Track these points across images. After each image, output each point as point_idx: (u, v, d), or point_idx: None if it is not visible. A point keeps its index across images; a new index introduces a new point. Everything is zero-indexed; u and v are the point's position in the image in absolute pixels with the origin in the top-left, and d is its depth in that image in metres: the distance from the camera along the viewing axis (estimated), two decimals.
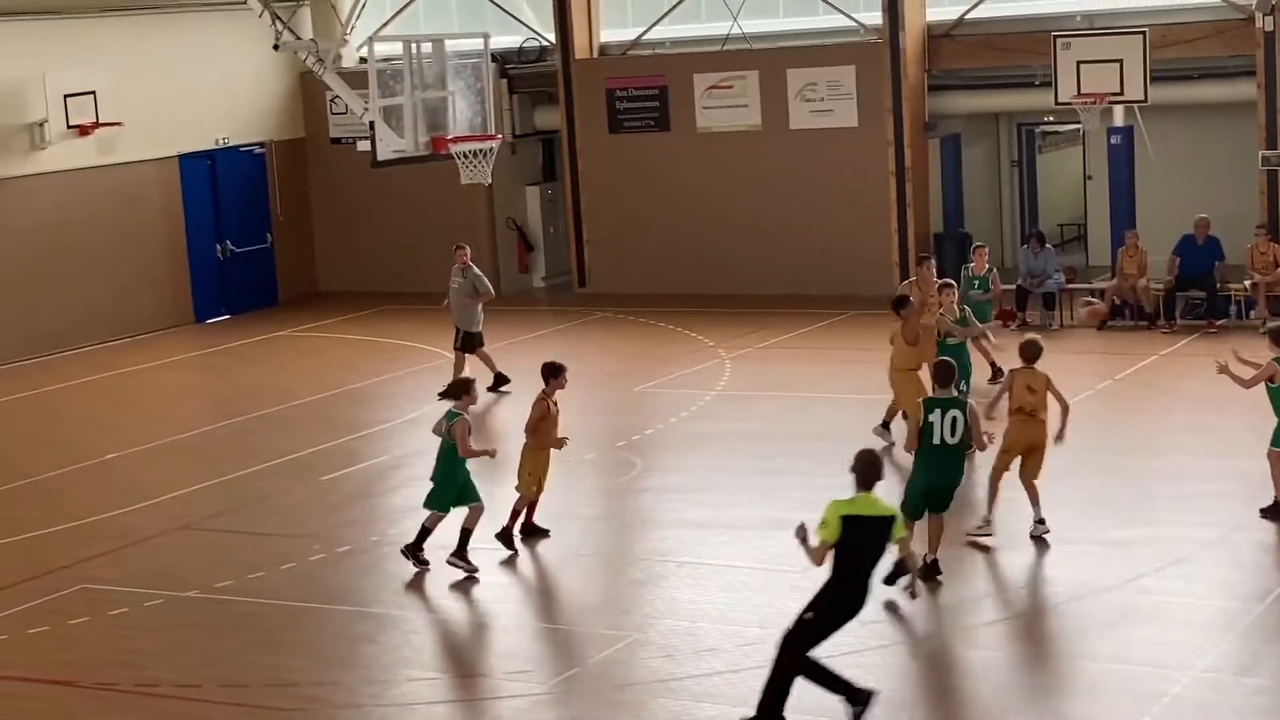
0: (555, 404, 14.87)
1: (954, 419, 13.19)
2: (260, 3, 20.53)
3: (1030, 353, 14.61)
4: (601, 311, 26.52)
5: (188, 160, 27.74)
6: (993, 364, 19.54)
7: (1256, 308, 22.67)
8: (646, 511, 16.36)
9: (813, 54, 26.59)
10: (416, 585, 14.38)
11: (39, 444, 20.23)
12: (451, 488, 14.41)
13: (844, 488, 16.05)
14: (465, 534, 14.35)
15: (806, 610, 10.74)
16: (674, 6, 27.85)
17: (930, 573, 13.37)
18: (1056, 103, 24.04)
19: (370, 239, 28.81)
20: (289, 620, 13.63)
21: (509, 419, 19.38)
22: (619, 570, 14.63)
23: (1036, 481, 14.48)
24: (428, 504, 14.53)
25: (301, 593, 14.22)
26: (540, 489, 15.03)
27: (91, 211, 26.21)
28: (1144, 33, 23.43)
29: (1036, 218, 28.19)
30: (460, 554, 14.32)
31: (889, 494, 14.12)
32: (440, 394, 14.72)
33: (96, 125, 25.66)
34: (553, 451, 14.99)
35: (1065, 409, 14.56)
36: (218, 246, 28.30)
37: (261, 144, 29.05)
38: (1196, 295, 23.26)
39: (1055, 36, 23.97)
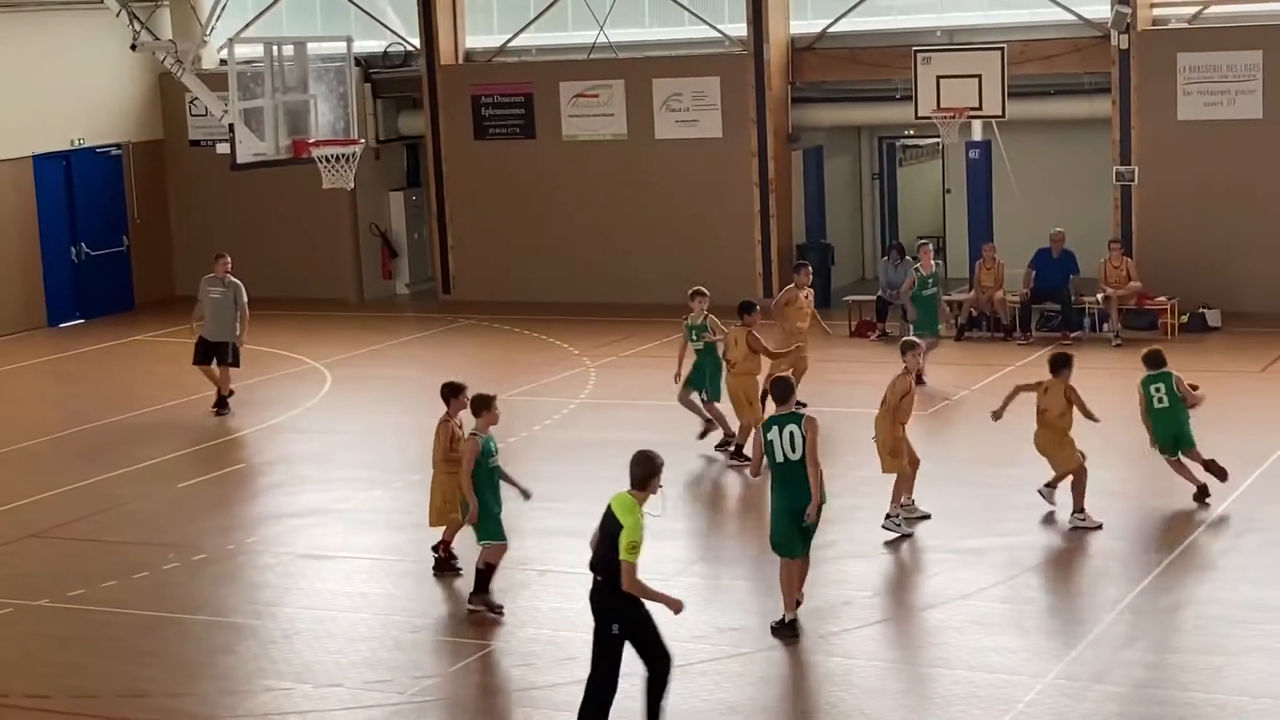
0: (460, 425, 14.06)
1: (791, 434, 12.61)
2: (118, 2, 20.16)
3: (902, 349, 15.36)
4: (466, 319, 26.41)
5: (42, 161, 27.20)
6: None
7: (1109, 320, 23.11)
8: (509, 520, 16.19)
9: (678, 64, 26.71)
10: (275, 595, 14.21)
11: None
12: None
13: (706, 498, 16.17)
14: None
15: None
16: (540, 14, 27.82)
17: (785, 633, 12.76)
18: (917, 116, 24.39)
19: (230, 243, 28.27)
20: (143, 630, 13.41)
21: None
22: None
23: (889, 474, 14.97)
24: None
25: (156, 602, 14.00)
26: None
27: None
28: (1002, 49, 23.82)
29: (897, 230, 28.53)
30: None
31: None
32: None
33: None
34: None
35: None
36: (72, 249, 27.78)
37: (119, 145, 28.57)
38: (1051, 308, 23.67)
39: (916, 51, 24.30)
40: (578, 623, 13.12)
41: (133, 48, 20.55)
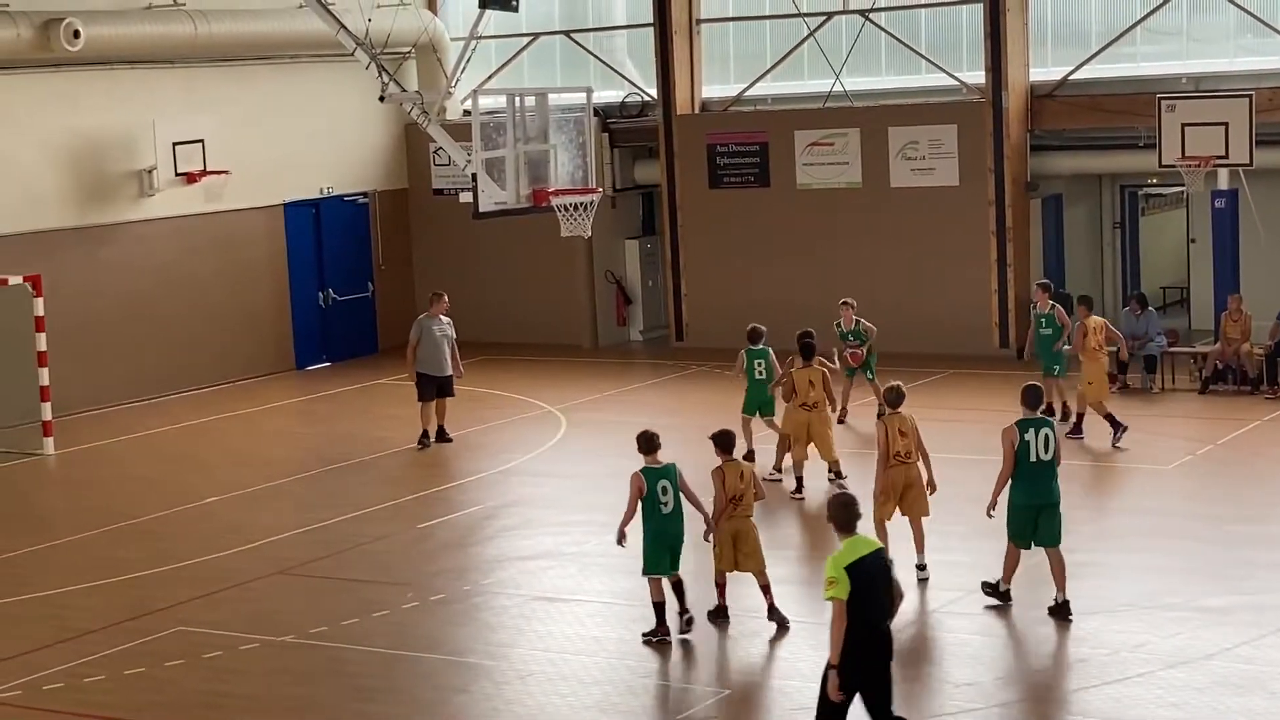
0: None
1: (1046, 436, 13.90)
2: (368, 55, 20.79)
3: (893, 398, 15.32)
4: (698, 365, 26.52)
5: (293, 208, 28.13)
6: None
7: None
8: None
9: (915, 112, 26.58)
10: (510, 636, 14.43)
11: (142, 486, 20.53)
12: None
13: (942, 548, 15.99)
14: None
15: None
16: (776, 64, 27.96)
17: (1062, 613, 13.92)
18: (1160, 165, 23.92)
19: (470, 290, 29.05)
20: (381, 668, 13.71)
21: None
22: (704, 625, 14.55)
23: (925, 519, 15.28)
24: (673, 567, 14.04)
25: (394, 640, 14.30)
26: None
27: (198, 258, 26.63)
28: (1250, 96, 23.25)
29: (1139, 280, 27.96)
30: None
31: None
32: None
33: (204, 173, 26.09)
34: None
35: (926, 457, 15.32)
36: (320, 294, 28.65)
37: (365, 194, 29.41)
38: None
39: (1160, 98, 23.84)
40: (808, 674, 13.10)
41: (381, 99, 21.15)
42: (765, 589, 14.17)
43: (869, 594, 10.46)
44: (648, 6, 28.28)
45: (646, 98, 28.87)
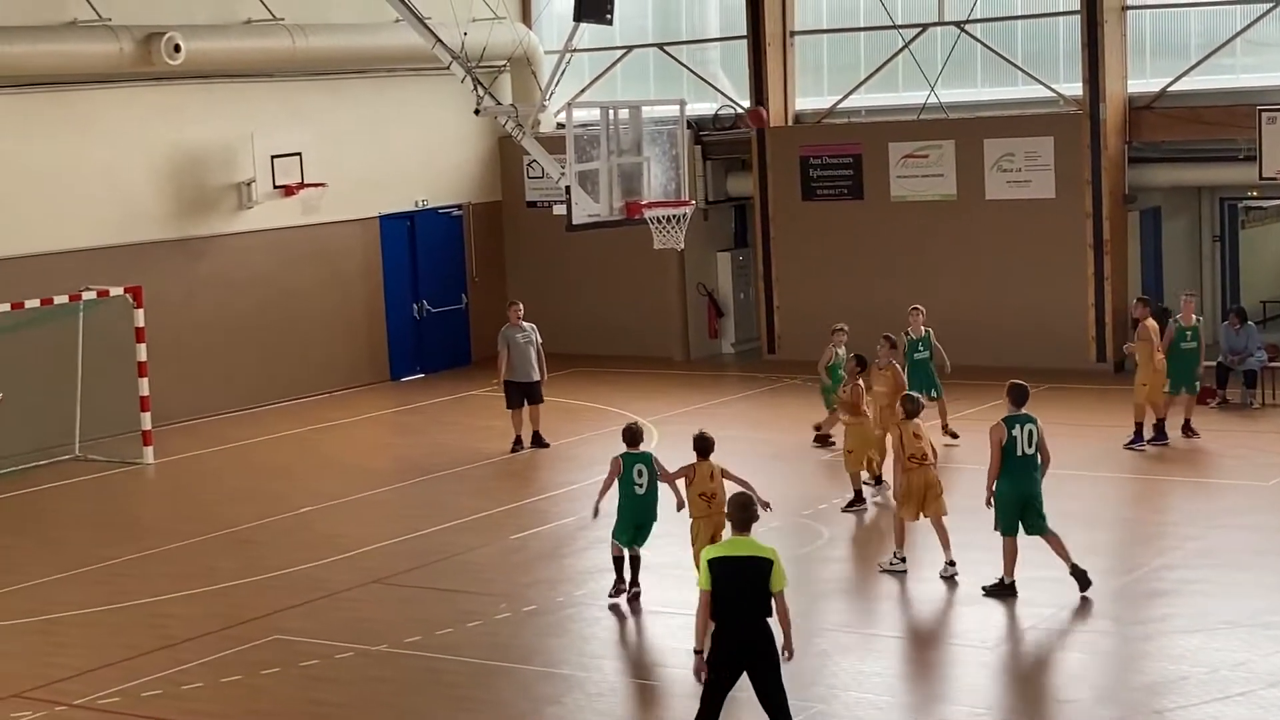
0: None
1: (1030, 432, 14.83)
2: (463, 68, 20.93)
3: (910, 409, 15.92)
4: (790, 379, 26.44)
5: (388, 221, 28.36)
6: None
7: None
8: (833, 582, 16.26)
9: (1011, 124, 26.40)
10: (602, 648, 14.46)
11: (238, 495, 20.76)
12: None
13: (1042, 564, 15.84)
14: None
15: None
16: (870, 75, 27.86)
17: (1080, 578, 14.80)
18: (1261, 177, 23.63)
19: (563, 302, 29.17)
20: (475, 678, 13.78)
21: None
22: (804, 640, 14.42)
23: (945, 519, 15.75)
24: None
25: (488, 651, 14.37)
26: None
27: (294, 270, 26.91)
28: None
29: (1238, 294, 27.62)
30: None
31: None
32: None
33: (301, 185, 26.37)
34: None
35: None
36: (414, 306, 28.85)
37: (459, 206, 29.61)
38: None
39: (1260, 110, 23.57)
40: (897, 688, 13.04)
41: (476, 112, 21.29)
42: None
43: (727, 593, 10.77)
44: (741, 19, 28.32)
45: (739, 110, 28.87)
